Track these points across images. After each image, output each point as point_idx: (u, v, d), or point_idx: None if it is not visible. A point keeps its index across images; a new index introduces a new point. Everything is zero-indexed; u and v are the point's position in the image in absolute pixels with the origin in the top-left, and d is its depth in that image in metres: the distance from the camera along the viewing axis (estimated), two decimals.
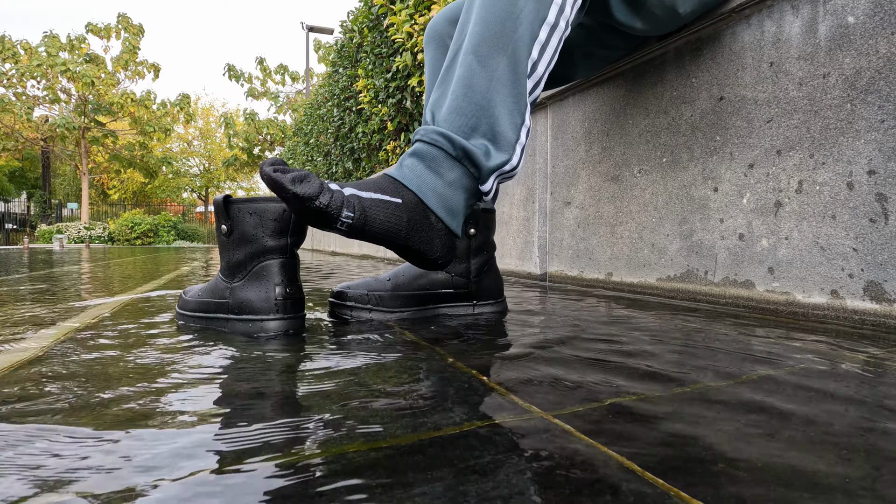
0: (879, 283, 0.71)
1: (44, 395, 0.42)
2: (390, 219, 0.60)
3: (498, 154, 0.67)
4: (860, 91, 0.74)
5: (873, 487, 0.26)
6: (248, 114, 16.10)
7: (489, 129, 0.66)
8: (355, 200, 0.58)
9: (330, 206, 0.55)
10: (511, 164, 0.68)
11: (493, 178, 0.68)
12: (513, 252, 1.66)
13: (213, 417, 0.37)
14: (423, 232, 0.63)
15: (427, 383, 0.45)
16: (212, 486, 0.27)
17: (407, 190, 0.63)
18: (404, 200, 0.62)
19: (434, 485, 0.27)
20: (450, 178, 0.65)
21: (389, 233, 0.60)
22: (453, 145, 0.65)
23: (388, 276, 0.83)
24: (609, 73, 1.21)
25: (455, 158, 0.65)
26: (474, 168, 0.66)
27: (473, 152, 0.65)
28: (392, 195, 0.61)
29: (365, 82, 3.23)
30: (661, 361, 0.53)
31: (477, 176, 0.66)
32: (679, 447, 0.31)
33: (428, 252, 0.64)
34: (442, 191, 0.64)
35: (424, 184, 0.63)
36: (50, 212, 18.33)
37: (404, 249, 0.63)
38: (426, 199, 0.63)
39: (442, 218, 0.64)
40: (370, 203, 0.59)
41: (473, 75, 0.67)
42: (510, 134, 0.68)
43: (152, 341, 0.64)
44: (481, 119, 0.66)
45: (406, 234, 0.61)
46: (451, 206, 0.65)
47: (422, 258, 0.65)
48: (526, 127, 0.70)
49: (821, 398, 0.41)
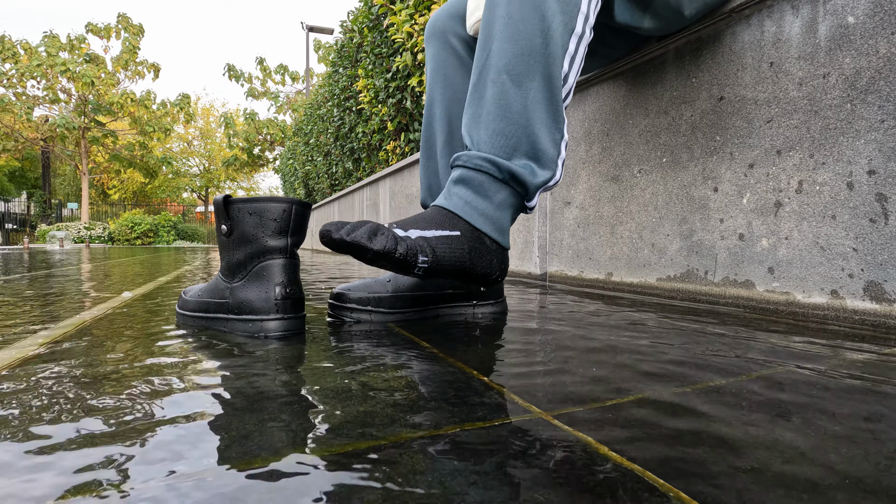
0: (879, 283, 0.71)
1: (38, 396, 0.42)
2: (455, 253, 0.63)
3: (542, 172, 0.68)
4: (860, 91, 0.74)
5: (874, 488, 0.26)
6: (248, 114, 16.10)
7: (531, 149, 0.67)
8: (424, 243, 0.61)
9: (408, 256, 0.59)
10: (554, 180, 0.70)
11: (538, 194, 0.70)
12: (513, 252, 1.66)
13: (211, 417, 0.37)
14: (483, 256, 0.66)
15: (427, 383, 0.45)
16: (210, 486, 0.27)
17: (462, 221, 0.65)
18: (462, 232, 0.64)
19: (434, 485, 0.27)
20: (498, 201, 0.67)
21: (457, 265, 0.63)
22: (499, 169, 0.66)
23: (387, 278, 0.83)
24: (609, 73, 1.21)
25: (501, 181, 0.67)
26: (521, 188, 0.68)
27: (519, 173, 0.66)
28: (450, 229, 0.64)
29: (365, 82, 3.23)
30: (661, 361, 0.53)
31: (523, 194, 0.68)
32: (679, 447, 0.31)
33: (490, 272, 0.67)
34: (492, 214, 0.67)
35: (476, 211, 0.66)
36: (50, 212, 18.33)
37: (470, 276, 0.66)
38: (480, 226, 0.66)
39: (496, 239, 0.67)
40: (436, 242, 0.62)
41: (509, 96, 0.67)
42: (552, 151, 0.69)
43: (152, 341, 0.64)
44: (522, 139, 0.67)
45: (470, 263, 0.65)
46: (501, 225, 0.68)
47: (485, 279, 0.68)
48: (565, 141, 0.71)
49: (821, 398, 0.41)
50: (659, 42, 1.06)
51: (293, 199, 0.68)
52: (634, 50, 1.11)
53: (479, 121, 0.69)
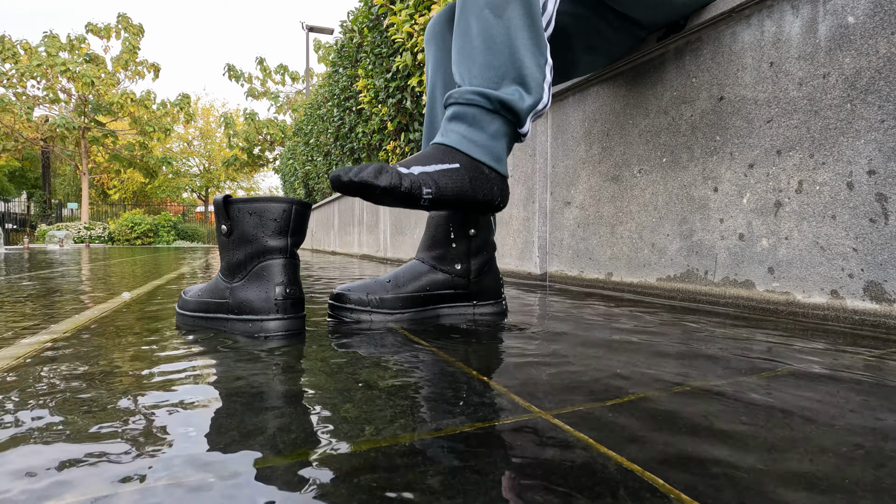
0: (879, 283, 0.71)
1: (41, 393, 0.42)
2: (456, 184, 0.67)
3: (530, 96, 0.72)
4: (860, 91, 0.74)
5: (874, 487, 0.26)
6: (248, 114, 16.09)
7: (518, 75, 0.71)
8: (427, 178, 0.65)
9: (413, 189, 0.63)
10: (543, 103, 0.73)
11: (530, 119, 0.73)
12: (513, 252, 1.66)
13: (211, 417, 0.37)
14: (484, 184, 0.70)
15: (427, 384, 0.45)
16: (209, 486, 0.27)
17: (460, 153, 0.69)
18: (461, 164, 0.69)
19: (434, 485, 0.27)
20: (492, 131, 0.70)
21: (459, 195, 0.68)
22: (489, 100, 0.69)
23: (387, 278, 0.83)
24: (609, 73, 1.21)
25: (493, 111, 0.70)
26: (512, 115, 0.71)
27: (508, 100, 0.69)
28: (450, 162, 0.68)
29: (365, 82, 3.23)
30: (661, 361, 0.53)
31: (515, 121, 0.72)
32: (679, 447, 0.31)
33: (491, 199, 0.72)
34: (487, 143, 0.70)
35: (472, 143, 0.70)
36: (50, 212, 18.32)
37: (474, 204, 0.70)
38: (477, 157, 0.70)
39: (493, 167, 0.71)
40: (438, 175, 0.66)
41: (491, 27, 0.70)
42: (537, 75, 0.72)
43: (152, 341, 0.64)
44: (508, 67, 0.70)
45: (472, 191, 0.69)
46: (497, 154, 0.72)
47: (488, 206, 0.72)
48: (549, 65, 0.74)
49: (821, 398, 0.41)
50: (659, 42, 1.06)
51: (293, 199, 0.68)
52: (634, 50, 1.11)
53: (466, 57, 0.72)
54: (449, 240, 0.85)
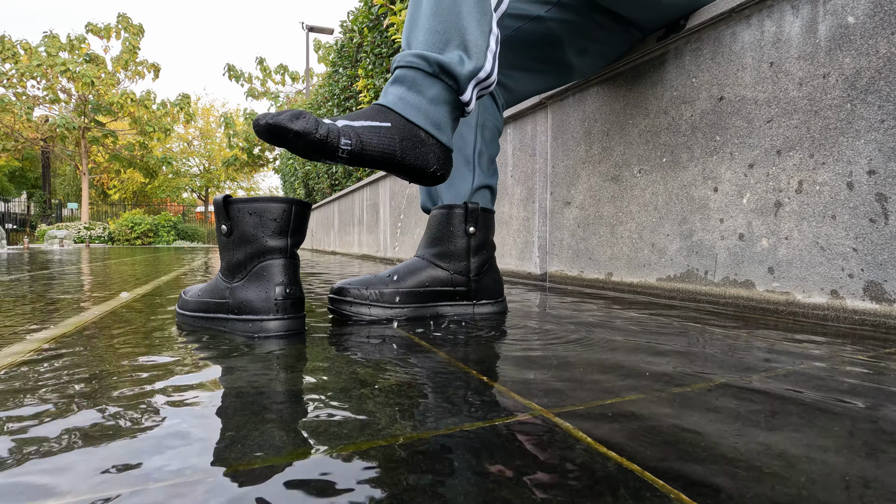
0: (879, 283, 0.71)
1: (42, 391, 0.42)
2: (383, 141, 0.64)
3: (470, 61, 0.70)
4: (860, 91, 0.74)
5: (874, 487, 0.26)
6: (248, 114, 16.09)
7: (460, 41, 0.70)
8: (349, 130, 0.62)
9: (329, 137, 0.60)
10: (485, 71, 0.72)
11: (472, 87, 0.71)
12: (513, 252, 1.66)
13: (212, 417, 0.37)
14: (417, 149, 0.67)
15: (427, 382, 0.45)
16: (209, 486, 0.27)
17: (393, 113, 0.66)
18: (393, 123, 0.66)
19: (434, 484, 0.27)
20: (431, 95, 0.68)
21: (385, 153, 0.64)
22: (428, 62, 0.68)
23: (388, 273, 0.83)
24: (609, 73, 1.21)
25: (432, 75, 0.68)
26: (451, 80, 0.69)
27: (447, 63, 0.68)
28: (381, 120, 0.65)
29: (365, 82, 3.23)
30: (661, 361, 0.53)
31: (455, 87, 0.70)
32: (679, 447, 0.31)
33: (426, 166, 0.68)
34: (425, 107, 0.68)
35: (407, 104, 0.67)
36: (50, 212, 18.32)
37: (403, 168, 0.67)
38: (412, 118, 0.67)
39: (430, 132, 0.68)
40: (363, 130, 0.63)
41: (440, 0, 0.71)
42: (481, 41, 0.71)
43: (151, 341, 0.64)
44: (452, 32, 0.70)
45: (401, 153, 0.66)
46: (436, 120, 0.69)
47: (421, 174, 0.69)
48: (495, 35, 0.73)
49: (821, 398, 0.41)
50: (659, 42, 1.06)
51: (293, 199, 0.68)
52: (634, 50, 1.11)
53: (413, 23, 0.72)
54: (448, 237, 0.86)
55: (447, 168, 0.71)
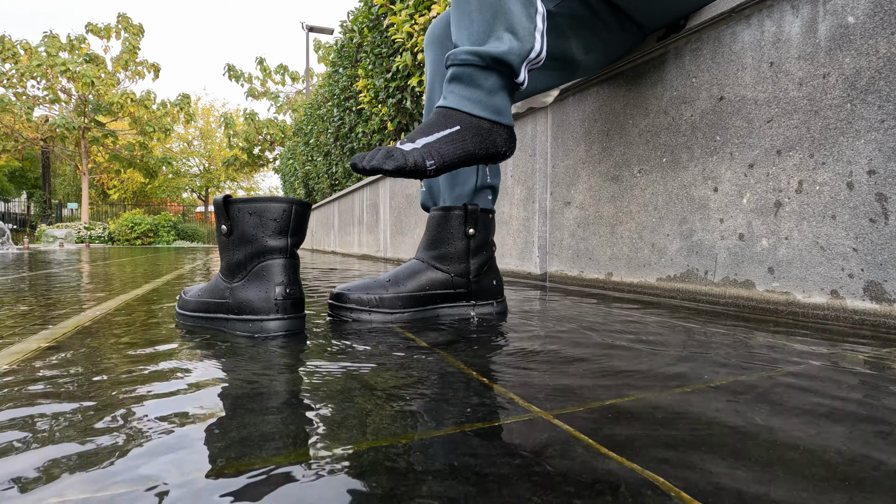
0: (879, 283, 0.71)
1: (49, 384, 0.42)
2: (458, 147, 0.71)
3: (520, 45, 0.73)
4: (860, 91, 0.74)
5: (874, 488, 0.26)
6: (248, 114, 16.08)
7: (508, 25, 0.73)
8: (430, 149, 0.70)
9: (417, 165, 0.68)
10: (535, 51, 0.75)
11: (525, 68, 0.75)
12: (513, 252, 1.66)
13: (211, 417, 0.37)
14: (486, 139, 0.74)
15: (427, 383, 0.45)
16: (208, 486, 0.27)
17: (458, 113, 0.73)
18: (461, 125, 0.72)
19: (434, 485, 0.27)
20: (488, 86, 0.73)
21: (462, 157, 0.72)
22: (481, 58, 0.72)
23: (387, 277, 0.83)
24: (609, 73, 1.21)
25: (486, 68, 0.73)
26: (505, 67, 0.73)
27: (498, 55, 0.72)
28: (451, 126, 0.72)
29: (365, 82, 3.23)
30: (661, 361, 0.53)
31: (509, 72, 0.74)
32: (680, 447, 0.31)
33: (496, 151, 0.75)
34: (485, 100, 0.74)
35: (468, 101, 0.73)
36: (50, 212, 18.31)
37: (478, 159, 0.74)
38: (476, 113, 0.73)
39: (494, 120, 0.74)
40: (438, 144, 0.70)
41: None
42: (527, 23, 0.74)
43: (151, 341, 0.64)
44: (499, 20, 0.73)
45: (474, 149, 0.73)
46: (497, 107, 0.74)
47: (493, 158, 0.76)
48: (541, 14, 0.76)
49: (821, 398, 0.41)
50: (659, 42, 1.06)
51: (293, 199, 0.68)
52: (634, 50, 1.11)
53: (462, 20, 0.76)
54: (448, 239, 0.86)
55: (513, 145, 0.78)
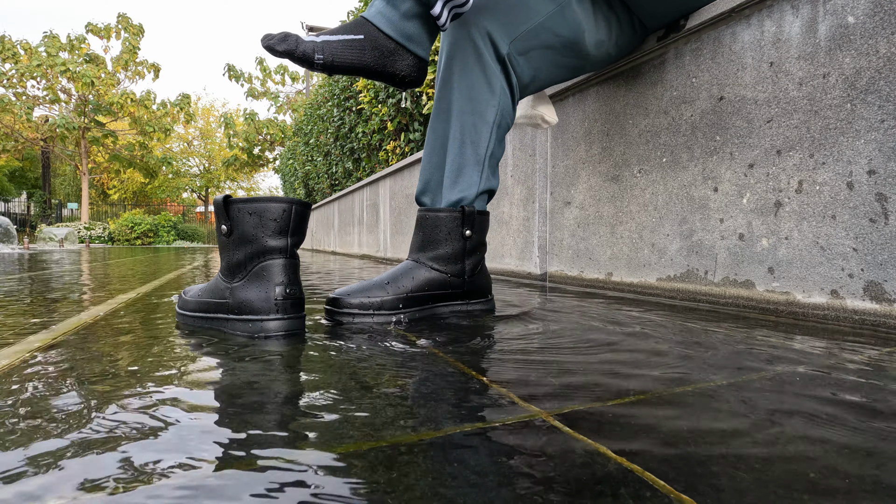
0: (879, 283, 0.71)
1: (48, 388, 0.42)
2: (355, 53, 0.75)
3: None
4: (860, 91, 0.74)
5: (874, 488, 0.26)
6: (248, 114, 16.08)
7: None
8: (325, 45, 0.74)
9: (306, 54, 0.72)
10: None
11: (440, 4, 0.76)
12: (513, 252, 1.66)
13: (211, 417, 0.37)
14: (387, 58, 0.77)
15: (427, 383, 0.45)
16: (209, 486, 0.27)
17: (369, 25, 0.76)
18: (366, 35, 0.76)
19: (434, 485, 0.27)
20: (404, 10, 0.76)
21: (356, 64, 0.75)
22: None
23: (385, 279, 0.83)
24: (609, 73, 1.21)
25: None
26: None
27: None
28: (356, 33, 0.75)
29: (365, 82, 3.23)
30: (661, 361, 0.53)
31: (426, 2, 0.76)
32: (679, 447, 0.31)
33: (393, 72, 0.78)
34: (397, 20, 0.76)
35: (382, 17, 0.76)
36: (50, 212, 18.31)
37: (373, 74, 0.77)
38: (383, 28, 0.76)
39: (400, 42, 0.77)
40: (337, 44, 0.74)
41: None
42: None
43: (151, 341, 0.64)
44: None
45: (371, 62, 0.76)
46: (407, 32, 0.77)
47: (391, 79, 0.79)
48: None
49: (821, 398, 0.41)
50: (659, 42, 1.06)
51: (293, 199, 0.68)
52: (634, 50, 1.11)
53: None
54: (445, 240, 0.86)
55: (420, 76, 0.80)
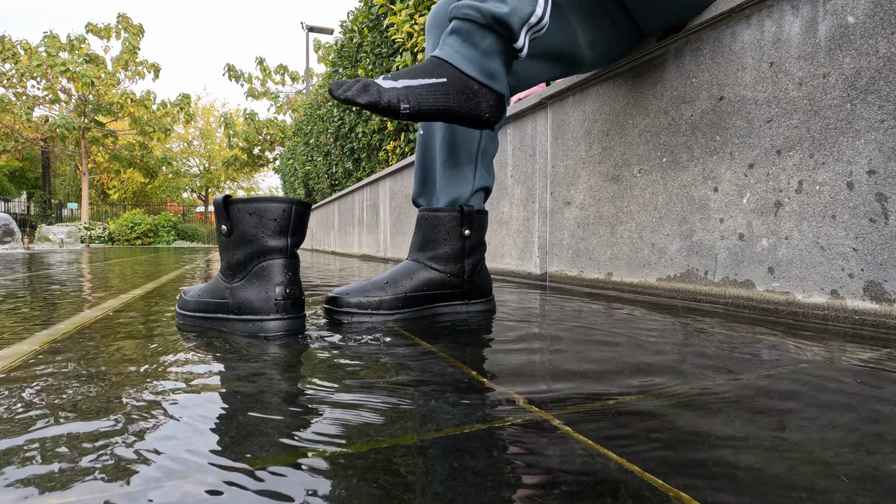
0: (879, 283, 0.71)
1: (49, 391, 0.42)
2: (439, 99, 0.70)
3: (523, 7, 0.72)
4: (860, 91, 0.74)
5: (872, 488, 0.26)
6: (248, 114, 16.08)
7: None
8: (408, 92, 0.68)
9: (391, 105, 0.66)
10: (537, 16, 0.73)
11: (524, 34, 0.73)
12: (513, 252, 1.66)
13: (211, 417, 0.37)
14: (470, 99, 0.72)
15: (427, 383, 0.45)
16: (207, 487, 0.27)
17: (449, 66, 0.71)
18: (448, 78, 0.70)
19: (434, 485, 0.27)
20: (484, 46, 0.72)
21: (441, 110, 0.70)
22: (482, 14, 0.71)
23: (384, 279, 0.83)
24: (609, 72, 1.21)
25: (485, 26, 0.71)
26: (504, 29, 0.71)
27: (500, 14, 0.70)
28: (437, 76, 0.70)
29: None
30: (661, 361, 0.53)
31: (508, 35, 0.72)
32: (679, 447, 0.31)
33: (477, 114, 0.73)
34: (479, 59, 0.72)
35: (462, 56, 0.71)
36: (50, 212, 18.31)
37: (458, 118, 0.72)
38: (466, 70, 0.71)
39: (483, 82, 0.72)
40: (420, 90, 0.69)
41: None
42: None
43: (151, 341, 0.64)
44: None
45: (456, 107, 0.71)
46: (490, 70, 0.73)
47: (473, 121, 0.74)
48: None
49: (821, 398, 0.41)
50: (659, 42, 1.06)
51: (293, 199, 0.68)
52: (634, 50, 1.11)
53: None
54: (444, 240, 0.86)
55: (499, 114, 0.75)
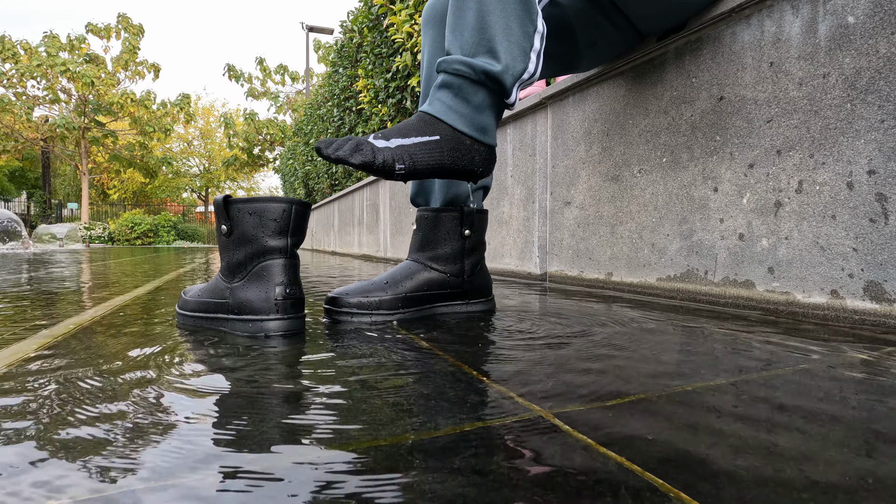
0: (879, 283, 0.71)
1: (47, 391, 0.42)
2: (433, 157, 0.69)
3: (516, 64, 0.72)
4: (860, 91, 0.74)
5: (872, 487, 0.26)
6: (248, 114, 16.08)
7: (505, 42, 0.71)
8: (402, 152, 0.67)
9: (385, 165, 0.65)
10: (529, 72, 0.73)
11: (516, 88, 0.73)
12: (513, 252, 1.66)
13: (211, 417, 0.37)
14: (464, 155, 0.71)
15: (426, 383, 0.45)
16: (210, 486, 0.27)
17: (441, 124, 0.70)
18: (441, 136, 0.69)
19: (434, 485, 0.27)
20: (476, 102, 0.71)
21: (435, 167, 0.69)
22: (473, 70, 0.70)
23: (384, 279, 0.83)
24: (609, 72, 1.21)
25: (477, 83, 0.70)
26: (496, 85, 0.71)
27: (492, 72, 0.70)
28: (430, 134, 0.69)
29: (365, 82, 3.23)
30: (661, 361, 0.53)
31: (500, 91, 0.72)
32: (679, 447, 0.31)
33: (472, 169, 0.73)
34: (470, 115, 0.71)
35: (454, 112, 0.71)
36: (50, 212, 18.31)
37: (451, 173, 0.71)
38: (458, 127, 0.70)
39: (476, 138, 0.72)
40: (414, 149, 0.68)
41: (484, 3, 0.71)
42: (525, 43, 0.72)
43: (151, 340, 0.64)
44: (497, 35, 0.70)
45: (451, 162, 0.70)
46: (481, 125, 0.72)
47: (468, 174, 0.73)
48: (539, 33, 0.74)
49: (820, 398, 0.41)
50: (659, 42, 1.06)
51: (293, 199, 0.68)
52: (634, 50, 1.11)
53: (457, 26, 0.73)
54: (443, 240, 0.86)
55: (489, 165, 0.75)
